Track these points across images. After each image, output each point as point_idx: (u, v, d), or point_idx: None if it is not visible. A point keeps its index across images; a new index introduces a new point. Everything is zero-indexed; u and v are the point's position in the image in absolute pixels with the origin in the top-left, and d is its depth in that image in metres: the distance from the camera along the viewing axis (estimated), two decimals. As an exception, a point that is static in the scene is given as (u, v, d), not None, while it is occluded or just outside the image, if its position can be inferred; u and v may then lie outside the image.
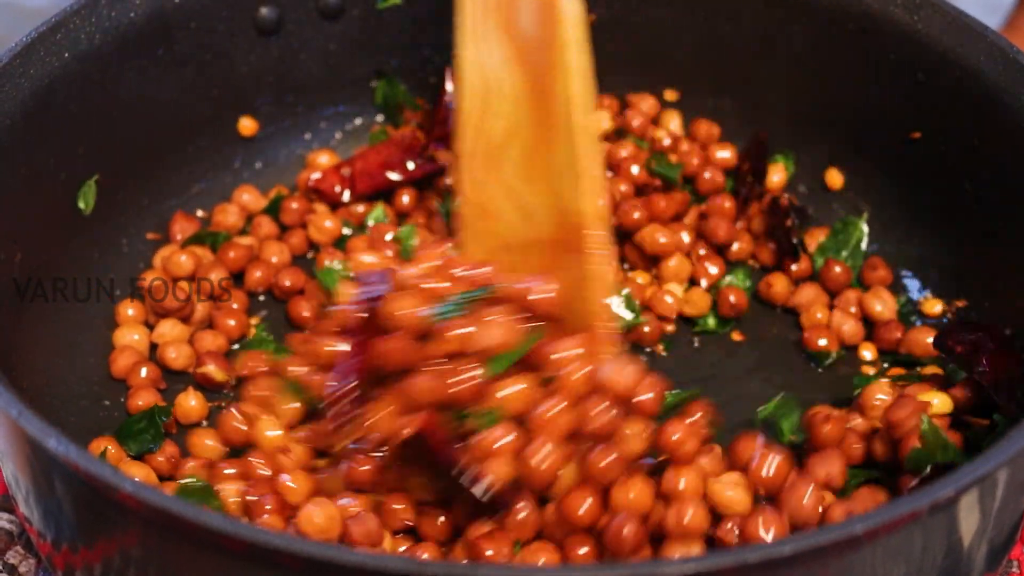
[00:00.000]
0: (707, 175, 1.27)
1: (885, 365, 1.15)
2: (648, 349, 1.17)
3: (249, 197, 1.27)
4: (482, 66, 1.05)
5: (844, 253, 1.23)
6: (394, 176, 1.27)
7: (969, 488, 0.81)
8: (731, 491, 0.94)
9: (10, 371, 0.99)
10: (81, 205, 1.14)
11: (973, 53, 1.11)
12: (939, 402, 1.04)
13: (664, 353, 1.17)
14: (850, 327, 1.17)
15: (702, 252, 1.23)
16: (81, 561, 0.88)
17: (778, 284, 1.20)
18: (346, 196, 1.27)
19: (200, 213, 1.26)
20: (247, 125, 1.28)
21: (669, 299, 1.18)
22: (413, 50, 1.31)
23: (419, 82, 1.33)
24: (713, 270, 1.21)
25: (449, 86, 1.31)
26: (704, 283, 1.21)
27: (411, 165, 1.27)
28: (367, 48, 1.30)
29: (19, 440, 0.86)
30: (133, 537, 0.83)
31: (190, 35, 1.19)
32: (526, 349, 0.98)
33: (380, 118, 1.34)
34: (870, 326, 1.18)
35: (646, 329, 1.16)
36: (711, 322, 1.19)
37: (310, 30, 1.27)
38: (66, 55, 1.09)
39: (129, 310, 1.15)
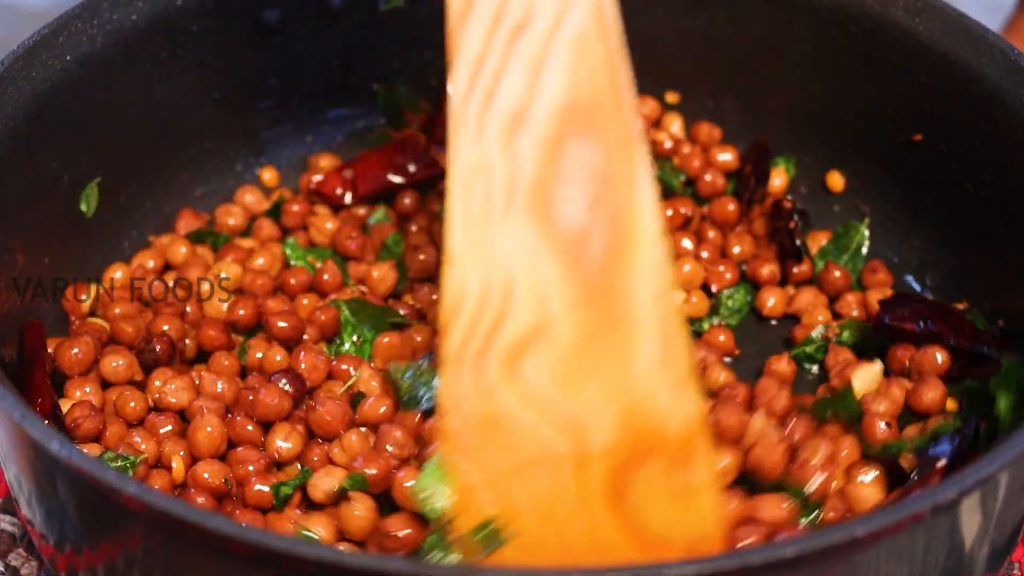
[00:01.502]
0: (708, 178, 1.27)
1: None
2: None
3: (252, 198, 1.27)
4: (491, 256, 0.87)
5: (844, 257, 1.24)
6: (396, 178, 1.27)
7: (971, 490, 0.81)
8: None
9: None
10: (83, 207, 1.15)
11: (974, 55, 1.11)
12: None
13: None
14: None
15: (704, 255, 1.23)
16: (84, 563, 0.88)
17: (776, 300, 1.20)
18: (348, 198, 1.27)
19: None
20: (268, 177, 1.30)
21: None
22: (415, 52, 1.31)
23: (421, 84, 1.33)
24: (727, 275, 1.21)
25: (452, 89, 1.31)
26: (715, 288, 1.21)
27: (413, 167, 1.27)
28: (369, 50, 1.30)
29: (22, 442, 0.86)
30: (136, 540, 0.83)
31: (192, 38, 1.19)
32: None
33: (382, 120, 1.34)
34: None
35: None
36: (706, 326, 1.19)
37: (312, 32, 1.27)
38: (68, 58, 1.09)
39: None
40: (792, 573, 0.76)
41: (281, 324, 1.10)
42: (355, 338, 1.13)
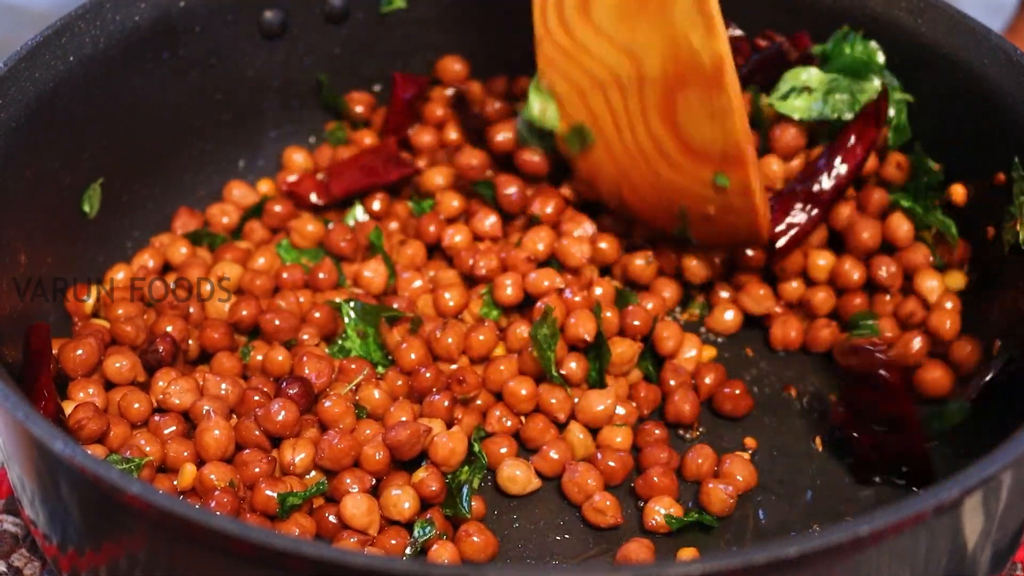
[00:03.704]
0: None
1: None
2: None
3: (240, 192, 1.26)
4: None
5: None
6: (368, 181, 1.25)
7: (974, 490, 0.81)
8: None
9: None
10: (86, 208, 1.15)
11: (976, 56, 1.11)
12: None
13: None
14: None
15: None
16: (87, 564, 0.88)
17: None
18: (320, 200, 1.24)
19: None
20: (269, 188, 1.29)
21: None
22: (417, 54, 1.32)
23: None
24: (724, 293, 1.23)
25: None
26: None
27: (385, 170, 1.26)
28: (371, 52, 1.30)
29: (25, 442, 0.86)
30: (140, 540, 0.83)
31: (195, 39, 1.19)
32: None
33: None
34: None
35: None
36: None
37: (314, 34, 1.27)
38: (71, 59, 1.09)
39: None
40: (796, 573, 0.76)
41: (276, 322, 1.10)
42: (357, 336, 1.13)
